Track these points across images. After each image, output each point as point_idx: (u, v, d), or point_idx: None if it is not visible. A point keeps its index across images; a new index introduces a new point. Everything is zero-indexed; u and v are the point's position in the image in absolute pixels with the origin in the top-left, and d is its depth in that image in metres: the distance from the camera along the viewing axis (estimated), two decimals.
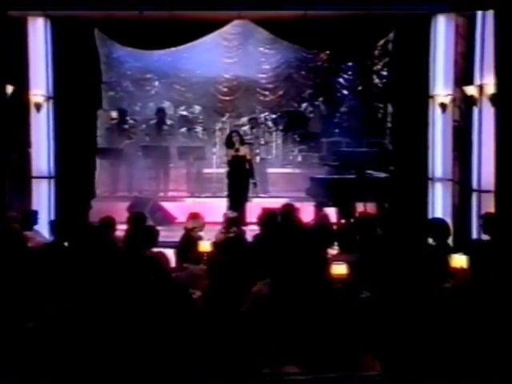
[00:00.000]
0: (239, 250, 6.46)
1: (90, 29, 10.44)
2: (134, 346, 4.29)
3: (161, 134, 13.39)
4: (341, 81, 15.58)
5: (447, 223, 7.19)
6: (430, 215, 9.93)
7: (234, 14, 10.25)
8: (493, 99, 8.90)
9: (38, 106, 10.23)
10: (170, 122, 13.93)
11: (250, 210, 10.92)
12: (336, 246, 6.90)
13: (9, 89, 9.49)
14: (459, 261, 5.75)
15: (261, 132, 14.30)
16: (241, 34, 14.93)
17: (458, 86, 9.92)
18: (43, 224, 8.63)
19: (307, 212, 9.94)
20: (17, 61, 9.79)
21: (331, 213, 9.84)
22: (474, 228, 9.18)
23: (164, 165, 13.01)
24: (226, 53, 15.28)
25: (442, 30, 10.01)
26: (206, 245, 6.78)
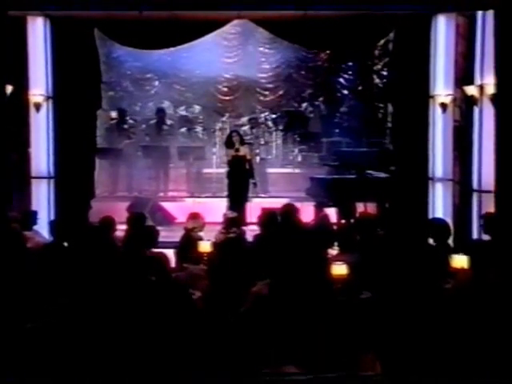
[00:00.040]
0: (239, 250, 6.45)
1: (89, 28, 10.42)
2: (133, 346, 4.29)
3: (161, 133, 13.37)
4: (341, 81, 15.56)
5: (447, 223, 7.18)
6: (430, 215, 9.91)
7: (233, 14, 10.23)
8: (493, 99, 8.89)
9: (37, 106, 10.21)
10: (170, 122, 13.90)
11: (249, 210, 10.91)
12: (336, 246, 6.88)
13: (8, 88, 9.47)
14: (460, 261, 5.73)
15: (261, 132, 14.29)
16: (241, 33, 14.94)
17: (459, 86, 9.90)
18: (43, 224, 8.63)
19: (307, 212, 9.92)
20: (16, 60, 9.76)
21: (331, 213, 9.82)
22: (475, 228, 9.16)
23: (164, 165, 12.99)
24: (225, 52, 15.26)
25: (443, 29, 9.99)
26: (205, 245, 6.77)
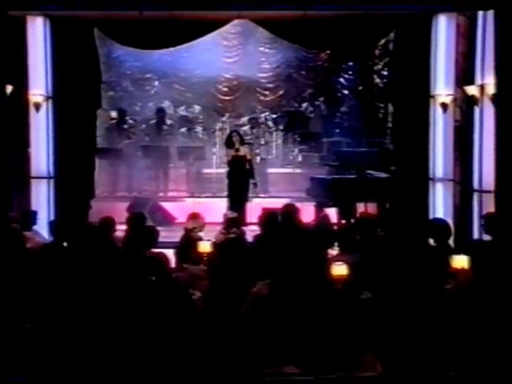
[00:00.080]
0: (239, 250, 6.44)
1: (89, 28, 10.42)
2: (134, 346, 4.29)
3: (160, 133, 13.35)
4: (341, 81, 15.55)
5: (448, 224, 7.16)
6: (430, 215, 9.90)
7: (233, 14, 10.24)
8: (494, 99, 8.88)
9: (37, 106, 10.20)
10: (170, 122, 13.87)
11: (250, 210, 10.90)
12: (336, 246, 6.87)
13: (8, 88, 9.46)
14: (460, 261, 5.73)
15: (261, 132, 14.26)
16: (241, 33, 14.93)
17: (459, 86, 9.89)
18: (42, 224, 8.62)
19: (307, 212, 9.90)
20: (16, 60, 9.76)
21: (332, 213, 9.81)
22: (475, 228, 9.15)
23: (164, 165, 12.97)
24: (225, 52, 15.25)
25: (443, 29, 9.98)
26: (205, 245, 6.76)
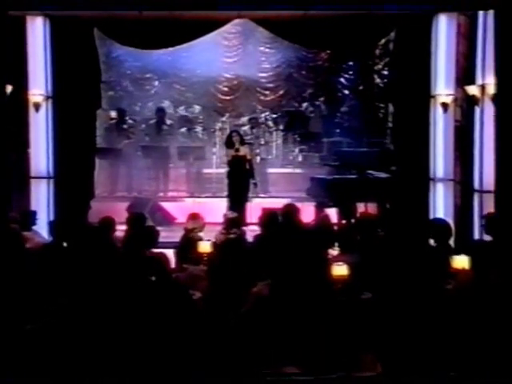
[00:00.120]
0: (239, 251, 6.42)
1: (89, 28, 10.39)
2: (134, 346, 4.29)
3: (160, 133, 13.33)
4: (342, 80, 15.54)
5: (449, 224, 7.15)
6: (431, 216, 9.88)
7: (233, 14, 10.24)
8: (494, 99, 8.87)
9: (36, 106, 10.18)
10: (170, 122, 13.85)
11: (250, 210, 10.89)
12: (337, 246, 6.85)
13: (8, 88, 9.45)
14: (461, 262, 5.72)
15: (261, 132, 14.25)
16: (241, 33, 14.92)
17: (460, 86, 9.88)
18: (42, 224, 8.61)
19: (308, 212, 9.88)
20: (16, 60, 9.74)
21: (332, 213, 9.80)
22: (476, 229, 9.15)
23: (164, 165, 12.96)
24: (226, 52, 15.24)
25: (444, 29, 9.96)
26: (205, 245, 6.74)
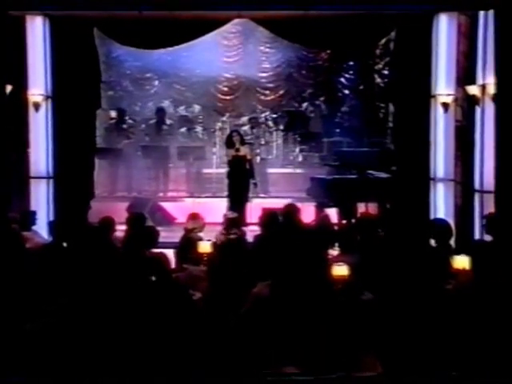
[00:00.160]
0: (240, 251, 6.41)
1: (89, 28, 10.39)
2: (134, 347, 4.28)
3: (160, 133, 13.32)
4: (342, 80, 15.53)
5: (449, 224, 7.13)
6: (431, 216, 9.86)
7: (234, 13, 10.23)
8: (495, 99, 8.86)
9: (36, 106, 10.17)
10: (170, 122, 13.85)
11: (250, 210, 10.89)
12: (337, 246, 6.83)
13: (7, 88, 9.44)
14: (461, 262, 5.70)
15: (261, 132, 14.24)
16: (241, 32, 14.93)
17: (461, 86, 9.86)
18: (42, 224, 8.61)
19: (308, 212, 9.87)
20: (15, 60, 9.74)
21: (332, 213, 9.79)
22: (477, 229, 9.13)
23: (163, 165, 12.95)
24: (226, 52, 15.25)
25: (444, 28, 9.95)
26: (205, 246, 6.72)
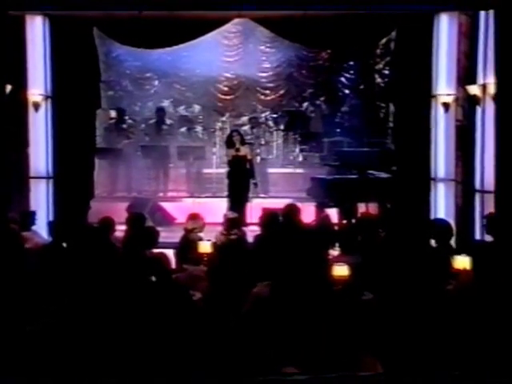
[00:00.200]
0: (241, 252, 6.40)
1: (88, 27, 10.38)
2: (134, 347, 4.27)
3: (160, 133, 13.31)
4: (342, 80, 15.52)
5: (450, 224, 7.12)
6: (432, 216, 9.85)
7: (234, 13, 10.25)
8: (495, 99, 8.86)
9: (36, 106, 10.17)
10: (170, 122, 13.82)
11: (250, 210, 10.88)
12: (337, 247, 6.83)
13: (7, 88, 9.43)
14: (462, 262, 5.69)
15: (261, 132, 14.22)
16: (241, 32, 14.92)
17: (461, 86, 9.85)
18: (42, 225, 8.61)
19: (308, 213, 9.85)
20: (15, 60, 9.73)
21: (332, 213, 9.79)
22: (477, 229, 9.12)
23: (163, 165, 12.94)
24: (226, 51, 15.23)
25: (445, 28, 9.94)
26: (205, 246, 6.71)
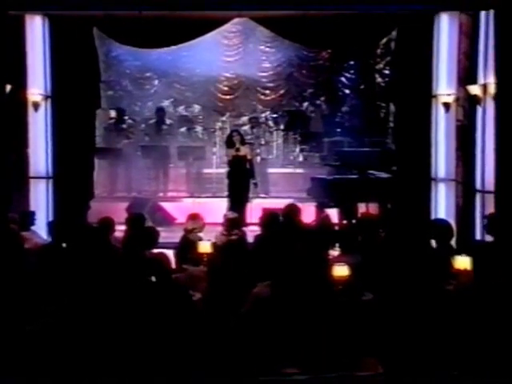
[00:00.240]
0: (241, 252, 6.39)
1: (88, 27, 10.37)
2: (134, 347, 4.28)
3: (160, 133, 13.31)
4: (343, 80, 15.51)
5: (450, 224, 7.11)
6: (432, 216, 9.84)
7: (234, 13, 10.26)
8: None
9: (35, 105, 10.16)
10: (170, 122, 13.82)
11: (250, 210, 10.87)
12: (337, 247, 6.82)
13: (7, 87, 9.42)
14: (462, 262, 5.68)
15: (261, 131, 14.20)
16: (241, 32, 14.92)
17: (462, 85, 9.84)
18: (41, 225, 8.60)
19: (308, 213, 9.84)
20: (15, 59, 9.73)
21: (333, 213, 9.79)
22: (478, 229, 9.12)
23: (163, 165, 12.93)
24: (226, 51, 15.22)
25: (446, 28, 9.93)
26: (205, 246, 6.70)
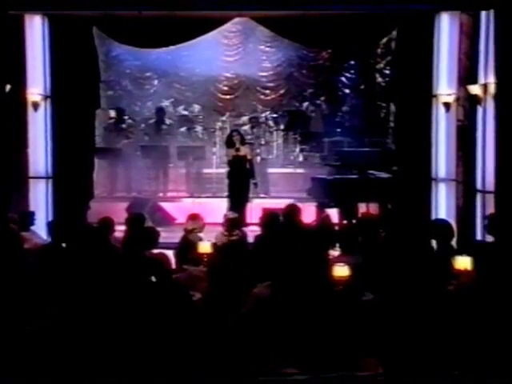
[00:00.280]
0: (242, 253, 6.38)
1: (88, 27, 10.37)
2: (134, 347, 4.28)
3: (160, 133, 13.32)
4: (343, 79, 15.52)
5: (451, 224, 7.10)
6: (433, 216, 9.83)
7: (234, 12, 10.26)
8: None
9: (35, 105, 10.15)
10: (170, 122, 13.85)
11: (250, 210, 10.87)
12: (338, 247, 6.81)
13: (6, 87, 9.42)
14: (463, 262, 5.67)
15: (261, 131, 14.21)
16: (241, 32, 14.93)
17: (462, 85, 9.83)
18: (41, 225, 8.59)
19: (309, 213, 9.83)
20: (14, 59, 9.73)
21: (333, 214, 9.78)
22: (478, 229, 9.11)
23: (163, 165, 12.94)
24: (226, 51, 15.23)
25: (446, 28, 9.92)
26: (205, 246, 6.70)
